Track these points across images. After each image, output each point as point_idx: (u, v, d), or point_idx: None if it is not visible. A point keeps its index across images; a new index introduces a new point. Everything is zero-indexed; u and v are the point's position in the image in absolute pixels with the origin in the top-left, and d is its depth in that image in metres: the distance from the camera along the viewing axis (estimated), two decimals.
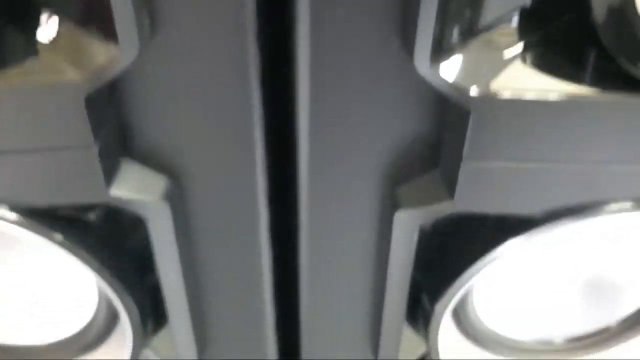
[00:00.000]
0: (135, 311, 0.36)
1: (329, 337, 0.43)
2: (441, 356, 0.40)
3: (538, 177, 0.31)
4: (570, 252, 0.39)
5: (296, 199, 0.37)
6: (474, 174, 0.30)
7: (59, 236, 0.33)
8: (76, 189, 0.31)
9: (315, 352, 0.44)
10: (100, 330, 0.42)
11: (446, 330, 0.41)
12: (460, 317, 0.42)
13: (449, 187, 0.32)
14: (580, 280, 0.41)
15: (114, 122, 0.31)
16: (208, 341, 0.44)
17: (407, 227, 0.33)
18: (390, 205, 0.34)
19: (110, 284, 0.35)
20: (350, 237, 0.37)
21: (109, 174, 0.32)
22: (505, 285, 0.41)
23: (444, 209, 0.32)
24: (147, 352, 0.42)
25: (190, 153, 0.34)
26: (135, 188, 0.33)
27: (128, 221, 0.37)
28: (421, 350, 0.43)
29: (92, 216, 0.36)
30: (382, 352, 0.42)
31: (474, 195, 0.31)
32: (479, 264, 0.35)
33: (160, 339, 0.43)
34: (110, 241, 0.37)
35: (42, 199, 0.32)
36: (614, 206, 0.31)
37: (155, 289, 0.39)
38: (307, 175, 0.35)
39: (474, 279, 0.35)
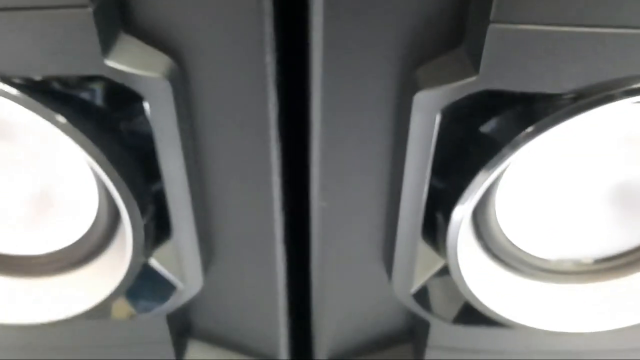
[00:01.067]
0: (136, 207, 0.34)
1: (340, 251, 0.41)
2: (463, 271, 0.38)
3: (571, 46, 0.28)
4: (601, 154, 0.36)
5: (308, 89, 0.35)
6: (501, 41, 0.28)
7: (61, 118, 0.31)
8: (71, 58, 0.29)
9: (326, 268, 0.42)
10: (99, 239, 0.40)
11: (466, 244, 0.39)
12: (481, 230, 0.39)
13: (474, 61, 0.29)
14: (612, 191, 0.38)
15: None
16: (215, 253, 0.42)
17: (427, 110, 0.31)
18: (409, 88, 0.32)
19: (111, 175, 0.33)
20: (366, 127, 0.34)
21: (106, 42, 0.29)
22: (529, 196, 0.38)
23: (468, 86, 0.29)
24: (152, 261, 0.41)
25: (195, 32, 0.32)
26: (135, 63, 0.31)
27: (135, 124, 0.35)
28: (438, 266, 0.40)
29: (96, 105, 0.34)
30: (397, 268, 0.40)
31: (501, 68, 0.29)
32: (499, 156, 0.32)
33: (165, 251, 0.41)
34: (115, 135, 0.35)
35: (36, 69, 0.30)
36: None
37: (159, 199, 0.37)
38: (320, 58, 0.32)
39: (494, 174, 0.33)
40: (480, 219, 0.38)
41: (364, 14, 0.30)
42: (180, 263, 0.40)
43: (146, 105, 0.32)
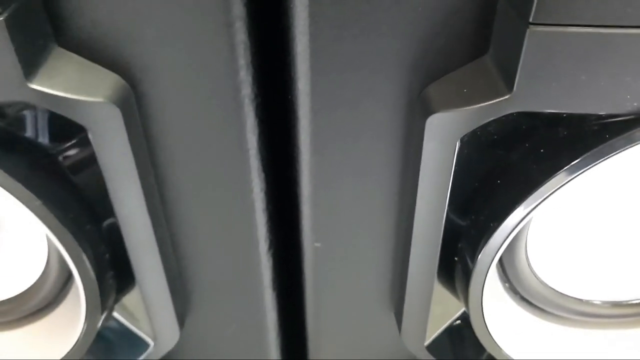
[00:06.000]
0: (84, 257, 0.28)
1: (339, 298, 0.34)
2: (486, 320, 0.31)
3: (636, 54, 0.21)
4: None
5: (295, 110, 0.28)
6: (544, 49, 0.21)
7: None
8: None
9: (322, 317, 0.36)
10: (51, 290, 0.33)
11: (490, 288, 0.32)
12: (508, 271, 0.33)
13: (506, 76, 0.23)
14: None
15: None
16: (192, 302, 0.36)
17: (444, 138, 0.24)
18: (420, 110, 0.25)
19: (50, 223, 0.26)
20: (365, 157, 0.28)
21: (30, 59, 0.23)
22: (564, 231, 0.32)
23: (499, 107, 0.23)
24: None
25: (150, 43, 0.25)
26: (71, 85, 0.24)
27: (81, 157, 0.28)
28: (456, 313, 0.34)
29: (30, 140, 0.28)
30: (408, 316, 0.34)
31: (542, 84, 0.22)
32: (539, 192, 0.25)
33: (133, 301, 0.35)
34: (55, 174, 0.28)
35: None
36: None
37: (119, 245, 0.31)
38: (307, 75, 0.25)
39: (531, 213, 0.26)
40: (507, 259, 0.32)
41: (357, 19, 0.23)
42: (150, 316, 0.34)
43: (90, 137, 0.26)
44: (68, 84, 0.24)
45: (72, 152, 0.27)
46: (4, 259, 0.33)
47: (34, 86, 0.23)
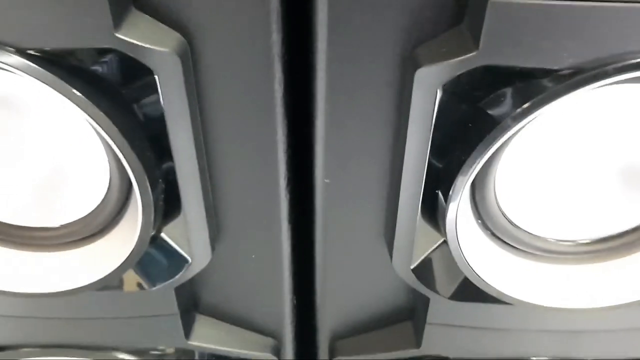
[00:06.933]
0: (146, 179, 0.35)
1: (343, 228, 0.42)
2: (461, 246, 0.39)
3: (570, 21, 0.29)
4: (600, 134, 0.36)
5: (313, 69, 0.36)
6: (501, 16, 0.28)
7: (77, 92, 0.32)
8: (83, 30, 0.30)
9: (329, 245, 0.43)
10: (111, 212, 0.41)
11: (465, 222, 0.39)
12: (480, 210, 0.40)
13: (475, 37, 0.30)
14: (610, 172, 0.39)
15: None
16: (222, 229, 0.43)
17: (428, 87, 0.32)
18: (411, 66, 0.32)
19: (123, 149, 0.34)
20: (368, 106, 0.35)
21: (117, 15, 0.30)
22: (528, 176, 0.39)
23: (468, 62, 0.30)
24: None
25: (204, 10, 0.32)
26: (145, 37, 0.32)
27: (146, 102, 0.36)
28: (438, 242, 0.41)
29: (108, 81, 0.35)
30: (397, 243, 0.41)
31: (500, 43, 0.29)
32: (497, 130, 0.33)
33: (175, 227, 0.42)
34: (127, 111, 0.36)
35: (49, 41, 0.31)
36: None
37: (169, 178, 0.39)
38: (324, 39, 0.33)
39: (492, 148, 0.33)
40: (479, 198, 0.39)
41: None
42: (189, 237, 0.41)
43: (156, 80, 0.33)
44: (142, 36, 0.32)
45: (138, 94, 0.35)
46: (73, 184, 0.40)
47: (120, 36, 0.30)
